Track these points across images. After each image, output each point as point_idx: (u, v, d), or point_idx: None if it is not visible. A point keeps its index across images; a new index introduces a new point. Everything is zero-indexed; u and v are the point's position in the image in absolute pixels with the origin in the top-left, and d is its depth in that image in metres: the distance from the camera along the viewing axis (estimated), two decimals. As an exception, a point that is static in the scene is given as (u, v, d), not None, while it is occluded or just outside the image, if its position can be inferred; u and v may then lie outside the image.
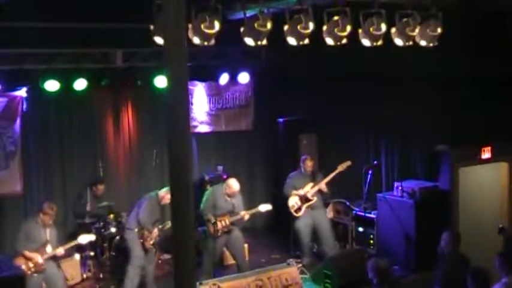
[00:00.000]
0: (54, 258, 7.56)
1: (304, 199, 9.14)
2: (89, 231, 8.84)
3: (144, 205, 8.15)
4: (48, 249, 7.40)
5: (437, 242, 6.36)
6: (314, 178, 9.22)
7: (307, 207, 9.14)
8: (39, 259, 7.32)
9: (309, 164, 9.20)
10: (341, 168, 9.10)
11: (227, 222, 8.28)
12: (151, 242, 8.08)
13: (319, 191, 9.15)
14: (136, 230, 8.05)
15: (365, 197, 9.39)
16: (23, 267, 7.26)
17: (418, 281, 7.55)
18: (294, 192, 9.19)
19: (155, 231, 8.07)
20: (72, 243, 7.77)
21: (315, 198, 9.13)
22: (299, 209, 9.17)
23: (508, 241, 7.60)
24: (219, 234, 8.28)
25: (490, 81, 7.97)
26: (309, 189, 9.11)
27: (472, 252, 6.64)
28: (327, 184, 9.15)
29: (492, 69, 7.86)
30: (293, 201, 9.21)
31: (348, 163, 9.13)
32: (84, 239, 7.84)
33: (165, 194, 8.04)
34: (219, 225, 8.24)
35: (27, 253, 7.30)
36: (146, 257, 8.11)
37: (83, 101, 9.76)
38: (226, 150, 11.39)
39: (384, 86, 8.90)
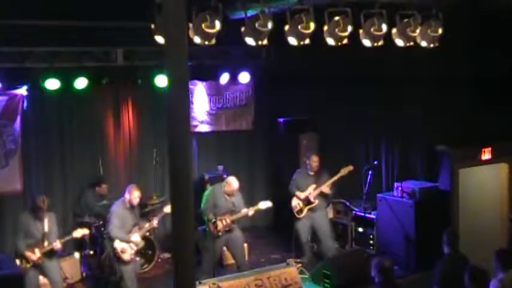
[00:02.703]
0: (52, 251, 7.54)
1: (306, 201, 9.12)
2: (88, 230, 8.86)
3: (110, 219, 7.85)
4: (46, 243, 7.41)
5: (437, 243, 6.35)
6: (318, 179, 9.12)
7: (309, 209, 9.12)
8: (37, 253, 7.35)
9: (314, 160, 9.08)
10: (343, 172, 9.02)
11: (228, 221, 8.26)
12: (132, 252, 7.77)
13: (322, 193, 9.09)
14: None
15: (365, 197, 9.41)
16: (22, 262, 7.30)
17: (418, 281, 7.56)
18: (297, 193, 9.16)
19: (135, 239, 7.79)
20: (67, 238, 7.71)
21: (317, 201, 9.07)
22: (300, 210, 9.15)
23: None
24: (220, 233, 8.27)
25: (491, 82, 7.97)
26: (311, 191, 9.06)
27: (472, 252, 6.65)
28: (331, 186, 9.07)
29: (492, 69, 7.86)
30: (295, 202, 9.20)
31: (350, 168, 9.05)
32: (78, 232, 7.77)
33: (130, 195, 7.79)
34: (220, 224, 8.22)
35: (26, 253, 7.33)
36: (134, 267, 7.88)
37: (83, 100, 9.75)
38: (226, 150, 11.38)
39: (384, 86, 8.91)
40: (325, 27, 6.25)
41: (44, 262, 7.45)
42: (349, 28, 6.18)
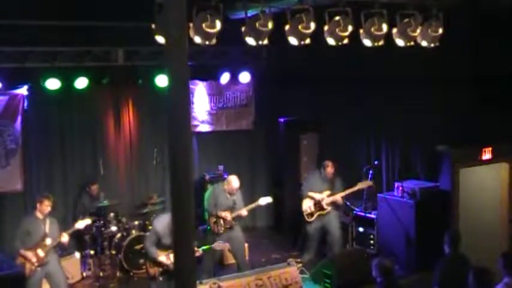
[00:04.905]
0: (59, 247, 7.54)
1: (318, 206, 9.14)
2: (89, 230, 8.87)
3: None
4: (48, 241, 7.36)
5: (438, 243, 6.35)
6: (333, 185, 9.15)
7: (320, 215, 9.15)
8: (40, 253, 7.31)
9: (329, 171, 9.11)
10: (361, 186, 9.08)
11: (228, 218, 8.29)
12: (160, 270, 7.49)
13: (334, 203, 9.12)
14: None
15: (365, 197, 9.39)
16: (26, 265, 7.24)
17: (418, 281, 7.56)
18: (310, 194, 9.14)
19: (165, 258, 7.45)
20: (70, 230, 7.64)
21: (329, 208, 9.12)
22: (311, 214, 9.19)
23: None
24: (221, 231, 8.28)
25: (491, 82, 7.96)
26: (325, 197, 9.09)
27: (472, 252, 6.64)
28: (343, 197, 9.14)
29: (493, 69, 7.85)
30: (307, 205, 9.22)
31: (369, 183, 9.09)
32: (81, 224, 7.75)
33: None
34: (221, 221, 8.25)
35: (25, 251, 7.25)
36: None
37: (83, 100, 9.77)
38: (226, 150, 11.38)
39: (385, 86, 8.90)
40: (326, 27, 6.24)
41: (49, 262, 7.39)
42: (350, 28, 6.17)
